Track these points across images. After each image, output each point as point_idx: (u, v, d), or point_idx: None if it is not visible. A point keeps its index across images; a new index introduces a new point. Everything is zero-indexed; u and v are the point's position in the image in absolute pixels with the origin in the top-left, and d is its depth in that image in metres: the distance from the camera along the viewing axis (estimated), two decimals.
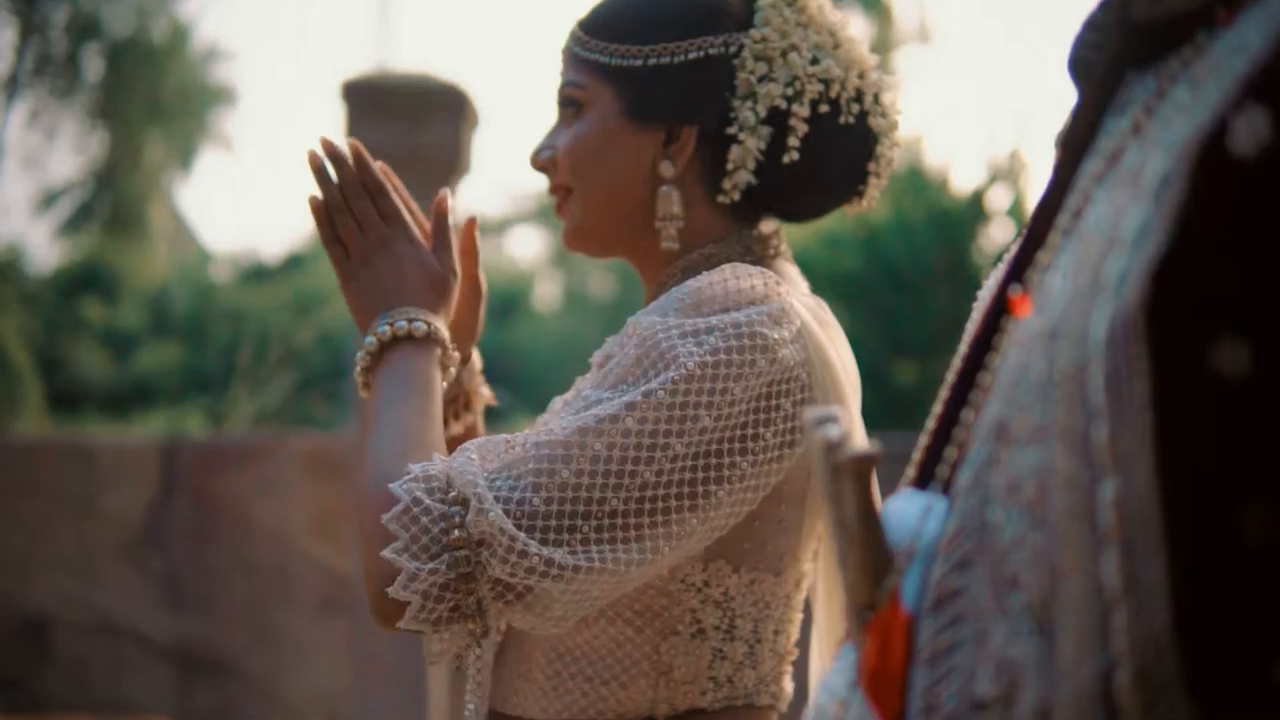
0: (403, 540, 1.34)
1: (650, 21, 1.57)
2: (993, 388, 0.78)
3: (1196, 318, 0.64)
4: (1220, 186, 0.66)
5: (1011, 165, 11.55)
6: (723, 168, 1.56)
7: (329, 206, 1.58)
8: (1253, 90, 0.66)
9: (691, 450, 1.37)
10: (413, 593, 1.32)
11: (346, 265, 1.57)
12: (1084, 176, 0.80)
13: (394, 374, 1.49)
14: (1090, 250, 0.72)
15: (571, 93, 1.60)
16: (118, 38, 20.62)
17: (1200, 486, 0.64)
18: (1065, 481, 0.69)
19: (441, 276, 1.58)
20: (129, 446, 6.74)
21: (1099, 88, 0.84)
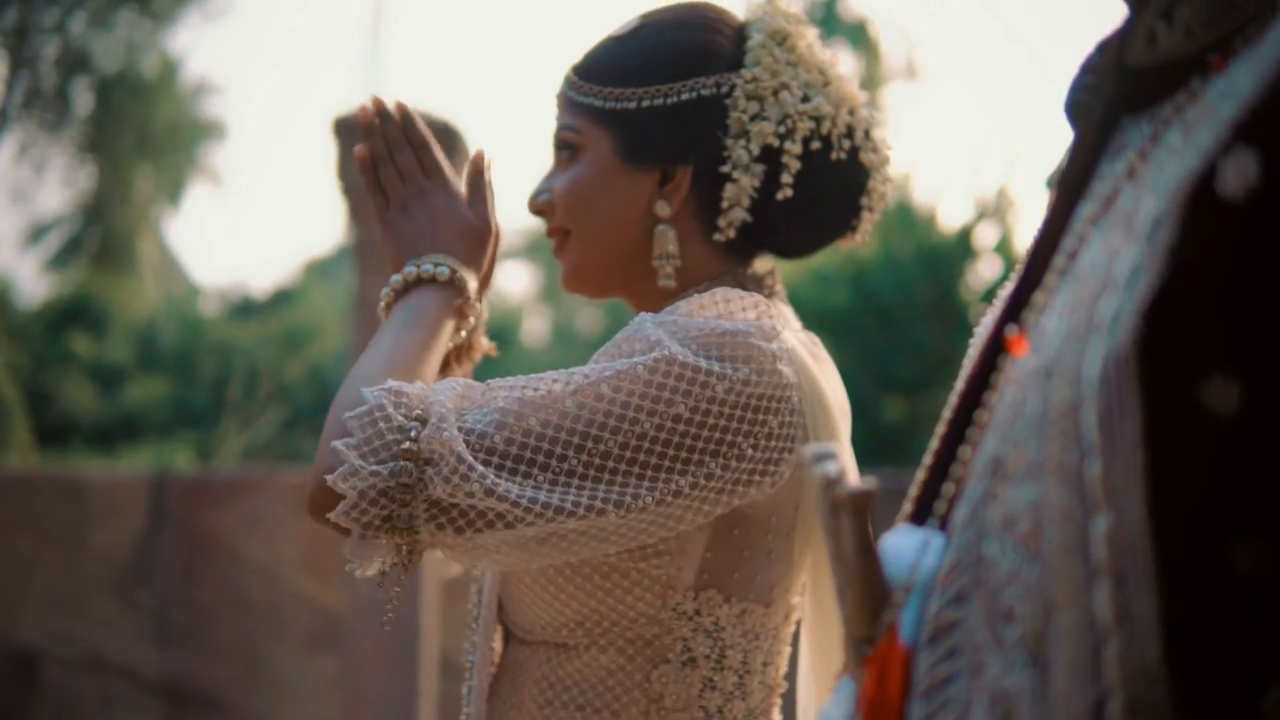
0: (357, 438, 1.36)
1: (642, 65, 1.59)
2: (989, 425, 0.80)
3: (1187, 356, 0.66)
4: (1210, 228, 0.67)
5: (999, 202, 11.59)
6: (718, 206, 1.58)
7: (374, 158, 1.65)
8: (1241, 133, 0.68)
9: (662, 435, 1.38)
10: (350, 488, 1.34)
11: (386, 213, 1.64)
12: (1079, 219, 0.82)
13: (406, 307, 1.55)
14: (1085, 291, 0.74)
15: (567, 136, 1.63)
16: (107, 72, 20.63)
17: (1191, 521, 0.65)
18: (1059, 516, 0.70)
19: (475, 229, 1.63)
20: (119, 480, 6.73)
21: (1095, 132, 0.86)
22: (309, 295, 23.33)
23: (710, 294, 1.48)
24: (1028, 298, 0.86)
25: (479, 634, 1.61)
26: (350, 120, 6.13)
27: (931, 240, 11.59)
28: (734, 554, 1.50)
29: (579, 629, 1.52)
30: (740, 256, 1.63)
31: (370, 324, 6.09)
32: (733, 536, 1.50)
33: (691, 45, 1.60)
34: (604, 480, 1.37)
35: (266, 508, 6.34)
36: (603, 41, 1.66)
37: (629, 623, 1.50)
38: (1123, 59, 0.84)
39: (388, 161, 1.64)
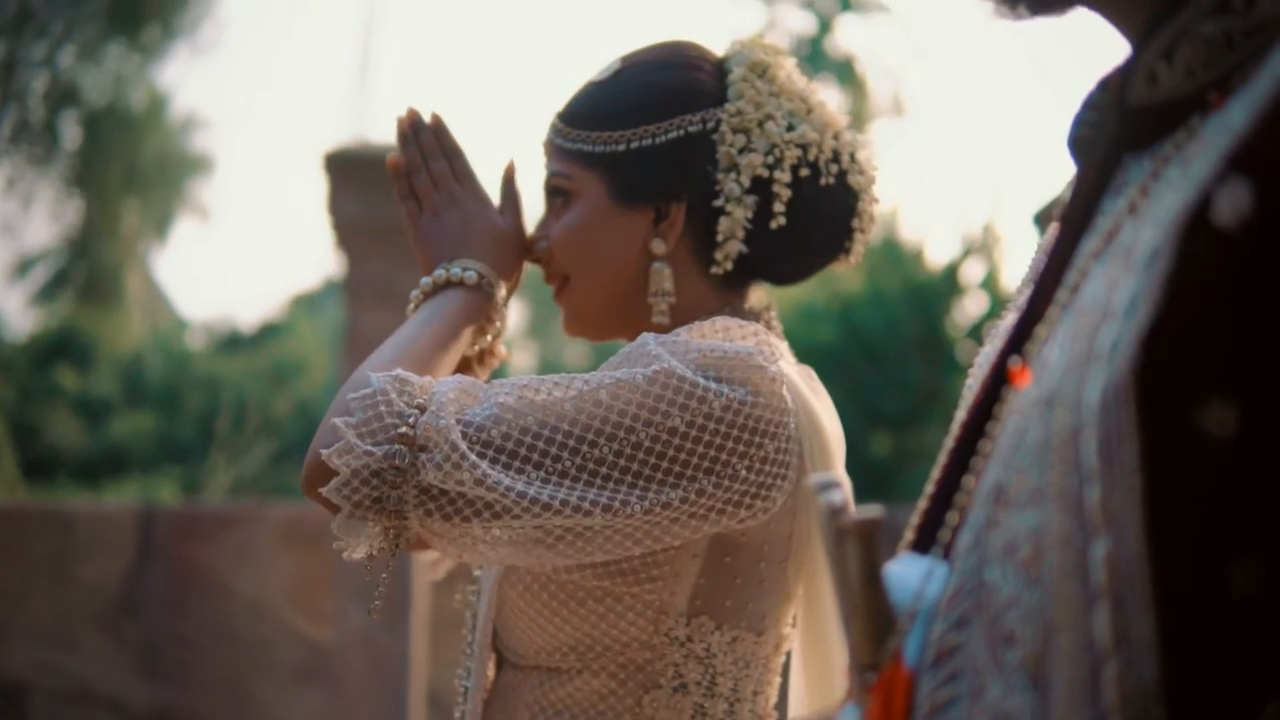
0: (356, 418, 1.39)
1: (628, 107, 1.62)
2: (992, 454, 0.81)
3: (1184, 382, 0.67)
4: (1205, 257, 0.68)
5: (985, 239, 11.63)
6: (713, 239, 1.60)
7: (409, 165, 1.70)
8: (1235, 164, 0.69)
9: (656, 447, 1.39)
10: (344, 465, 1.37)
11: (418, 219, 1.69)
12: (1082, 254, 0.83)
13: (430, 307, 1.59)
14: (1085, 322, 0.75)
15: (558, 183, 1.65)
16: (95, 106, 20.61)
17: (1189, 544, 0.66)
18: (1059, 541, 0.72)
19: (507, 235, 1.68)
20: (107, 514, 6.72)
21: (1098, 169, 0.87)
22: (296, 330, 23.30)
23: (710, 322, 1.51)
24: (1030, 330, 0.88)
25: (474, 659, 1.62)
26: (341, 155, 6.15)
27: (918, 276, 11.63)
28: (727, 581, 1.51)
29: (571, 653, 1.53)
30: (736, 288, 1.65)
31: (361, 357, 6.08)
32: (725, 564, 1.51)
33: (675, 84, 1.62)
34: (595, 484, 1.39)
35: (255, 541, 6.33)
36: (585, 87, 1.67)
37: (621, 647, 1.51)
38: (1124, 97, 0.86)
39: (421, 169, 1.69)
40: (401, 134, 1.71)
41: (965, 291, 11.63)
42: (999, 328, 1.02)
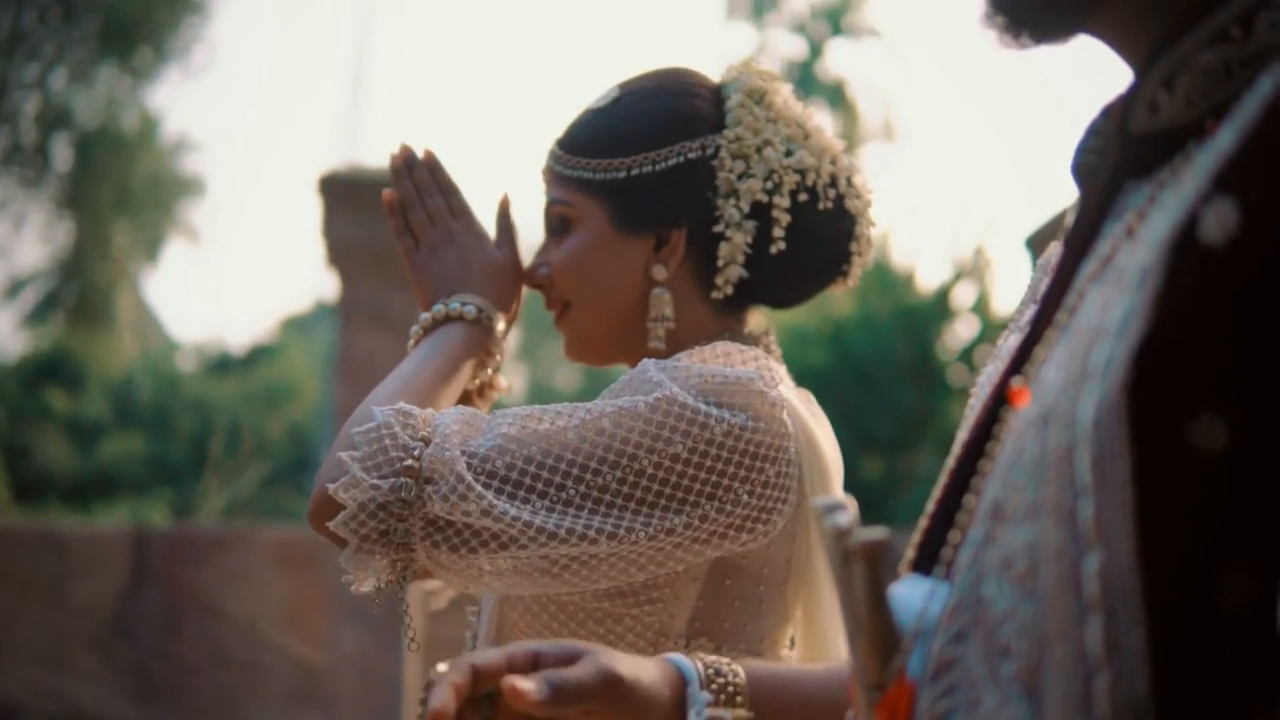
0: (362, 451, 1.41)
1: (628, 134, 1.63)
2: (991, 473, 0.83)
3: (1175, 397, 0.69)
4: (1193, 274, 0.70)
5: (976, 263, 11.68)
6: (713, 264, 1.62)
7: (403, 201, 1.71)
8: (1221, 183, 0.71)
9: (659, 474, 1.41)
10: (350, 498, 1.39)
11: (415, 255, 1.70)
12: (1081, 277, 0.85)
13: (431, 341, 1.60)
14: (1080, 342, 0.77)
15: (559, 210, 1.66)
16: (87, 128, 20.61)
17: (1179, 557, 0.68)
18: (1054, 554, 0.73)
19: (504, 269, 1.69)
20: (100, 535, 6.72)
21: (1100, 194, 0.89)
22: (286, 352, 23.27)
23: (711, 347, 1.52)
24: (1030, 352, 0.90)
25: None
26: (335, 179, 6.17)
27: (909, 300, 11.67)
28: (726, 604, 1.52)
29: None
30: (735, 312, 1.66)
31: (353, 380, 6.12)
32: (725, 586, 1.53)
33: (673, 111, 1.64)
34: (599, 511, 1.40)
35: (248, 564, 6.34)
36: (584, 115, 1.69)
37: None
38: (1126, 125, 0.88)
39: (417, 205, 1.70)
40: (395, 170, 1.72)
41: (956, 315, 11.67)
42: (1000, 348, 1.04)
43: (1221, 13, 0.81)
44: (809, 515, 1.52)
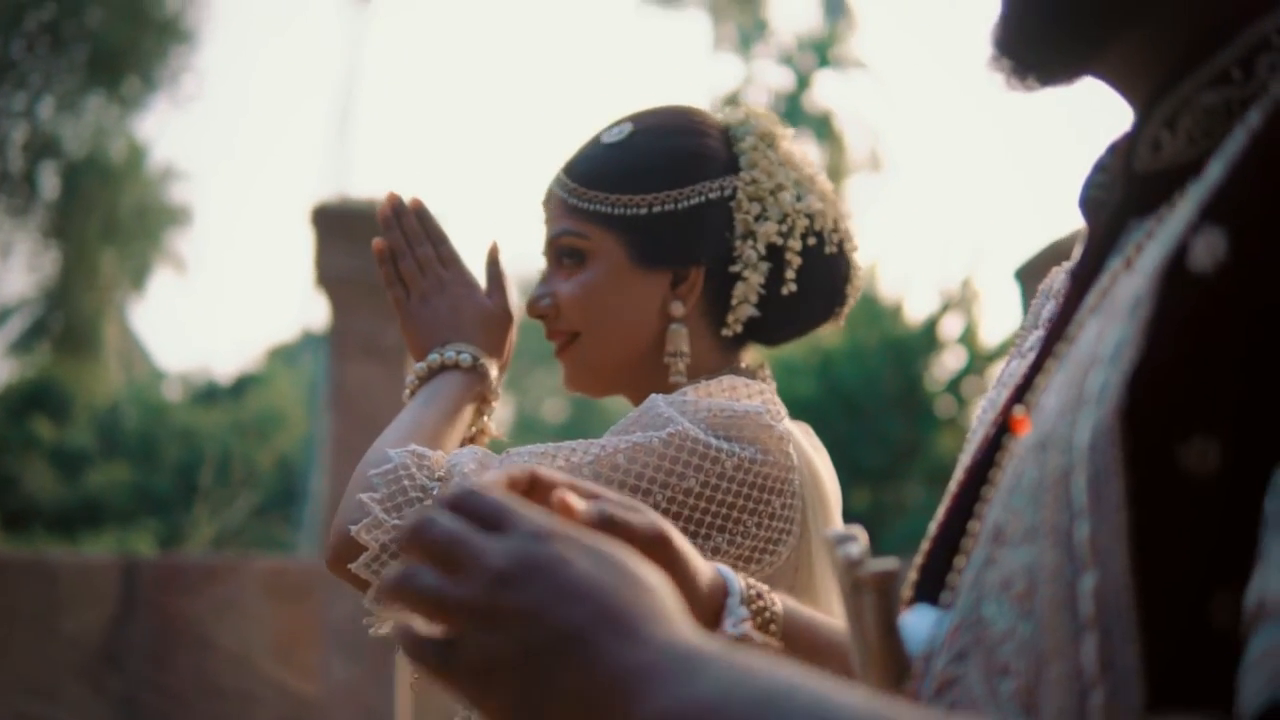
0: (381, 492, 1.44)
1: (648, 171, 1.65)
2: (993, 498, 0.86)
3: (1167, 421, 0.71)
4: (1184, 302, 0.73)
5: (963, 294, 11.72)
6: (726, 303, 1.65)
7: (393, 250, 1.72)
8: (1209, 213, 0.74)
9: (673, 508, 1.44)
10: (373, 539, 1.42)
11: (406, 304, 1.71)
12: (1083, 309, 0.88)
13: (429, 389, 1.62)
14: (1077, 370, 0.80)
15: (573, 242, 1.66)
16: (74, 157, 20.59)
17: (1172, 577, 0.70)
18: (1050, 575, 0.76)
19: (495, 317, 1.71)
20: (90, 565, 6.71)
21: (1105, 231, 0.92)
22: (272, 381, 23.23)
23: (717, 381, 1.55)
24: (1032, 381, 0.93)
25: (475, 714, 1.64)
26: (328, 210, 6.20)
27: (897, 331, 11.70)
28: None
29: None
30: (735, 348, 1.70)
31: (345, 410, 6.14)
32: None
33: (691, 150, 1.67)
34: None
35: (238, 594, 6.33)
36: (595, 147, 1.70)
37: None
38: (1130, 163, 0.90)
39: (407, 254, 1.71)
40: (384, 219, 1.73)
41: (944, 347, 11.70)
42: (1003, 374, 1.06)
43: (1222, 55, 0.84)
44: (811, 546, 1.55)
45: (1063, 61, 0.92)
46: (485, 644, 0.74)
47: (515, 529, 0.77)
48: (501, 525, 0.77)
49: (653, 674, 0.70)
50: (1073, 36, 0.90)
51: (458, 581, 0.75)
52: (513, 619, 0.73)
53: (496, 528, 0.77)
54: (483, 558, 0.75)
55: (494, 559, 0.75)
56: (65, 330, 21.34)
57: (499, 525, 0.77)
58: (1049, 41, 0.91)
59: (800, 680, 0.68)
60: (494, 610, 0.73)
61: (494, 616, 0.73)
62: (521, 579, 0.74)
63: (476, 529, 0.77)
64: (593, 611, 0.72)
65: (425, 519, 0.78)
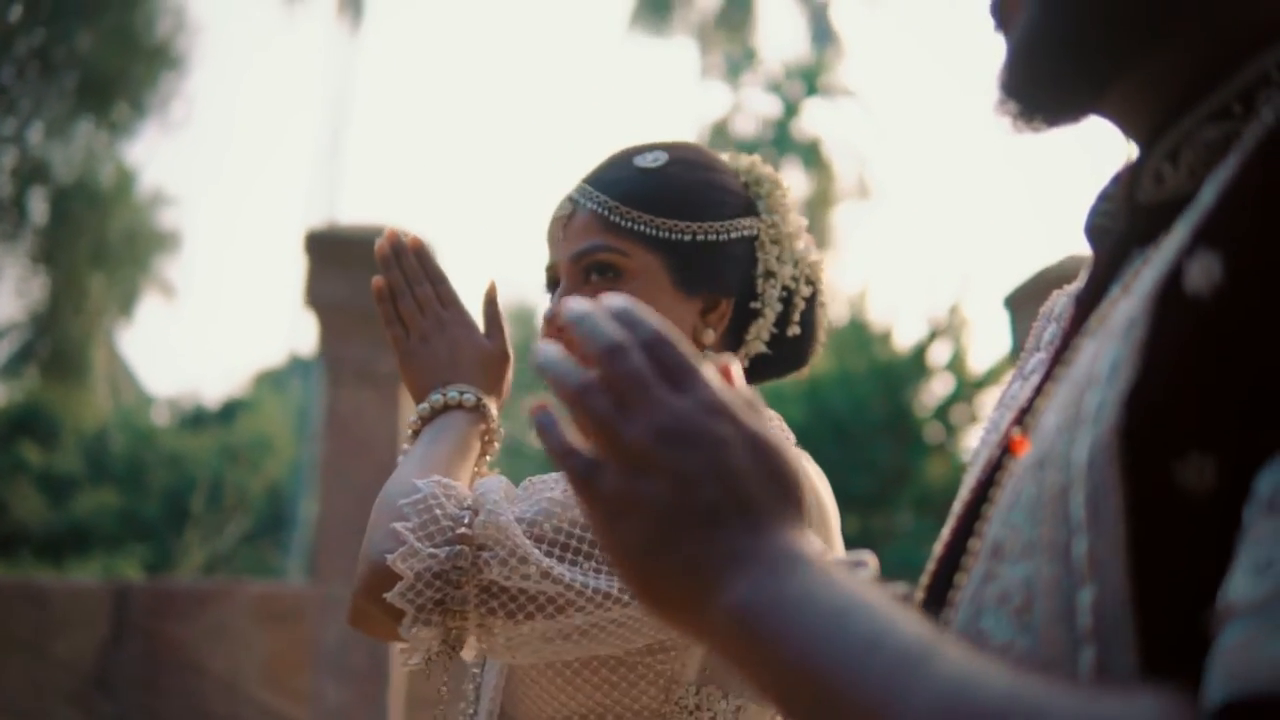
0: (414, 521, 1.43)
1: (690, 200, 1.68)
2: (992, 516, 0.88)
3: (1164, 439, 0.73)
4: (1180, 323, 0.74)
5: (952, 321, 11.76)
6: (740, 338, 1.70)
7: (392, 290, 1.72)
8: (1204, 237, 0.76)
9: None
10: (409, 568, 1.41)
11: (405, 344, 1.72)
12: (1083, 334, 0.90)
13: (435, 428, 1.62)
14: (1074, 390, 0.82)
15: (611, 258, 1.67)
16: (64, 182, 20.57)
17: (1169, 590, 0.72)
18: (1048, 589, 0.78)
19: (494, 357, 1.72)
20: (81, 589, 6.72)
21: (1108, 259, 0.95)
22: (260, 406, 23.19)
23: None
24: (1032, 403, 0.95)
25: None
26: (321, 236, 6.22)
27: (885, 358, 11.73)
28: None
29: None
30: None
31: (339, 436, 6.15)
32: None
33: (726, 187, 1.71)
34: None
35: (229, 619, 6.34)
36: (628, 169, 1.71)
37: (633, 715, 1.56)
38: (1133, 195, 0.93)
39: (406, 293, 1.72)
40: (383, 258, 1.73)
41: (932, 373, 11.73)
42: (1005, 396, 1.09)
43: (1224, 90, 0.86)
44: None
45: (1069, 102, 0.94)
46: (628, 484, 0.80)
47: (693, 393, 0.82)
48: (682, 383, 0.82)
49: (750, 564, 0.77)
50: (1079, 77, 0.92)
51: (627, 417, 0.81)
52: (662, 475, 0.79)
53: (677, 383, 0.82)
54: (656, 409, 0.80)
55: (665, 415, 0.80)
56: (53, 355, 21.29)
57: (680, 382, 0.82)
58: (1056, 83, 0.93)
59: (874, 599, 0.74)
60: (648, 460, 0.79)
61: (646, 465, 0.79)
62: (683, 443, 0.79)
63: (660, 377, 0.82)
64: (732, 498, 0.79)
65: (621, 347, 0.82)
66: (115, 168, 21.70)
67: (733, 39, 26.71)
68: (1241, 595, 0.66)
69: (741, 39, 26.78)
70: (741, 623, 0.76)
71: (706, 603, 0.77)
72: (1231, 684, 0.64)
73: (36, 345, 21.85)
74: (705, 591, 0.78)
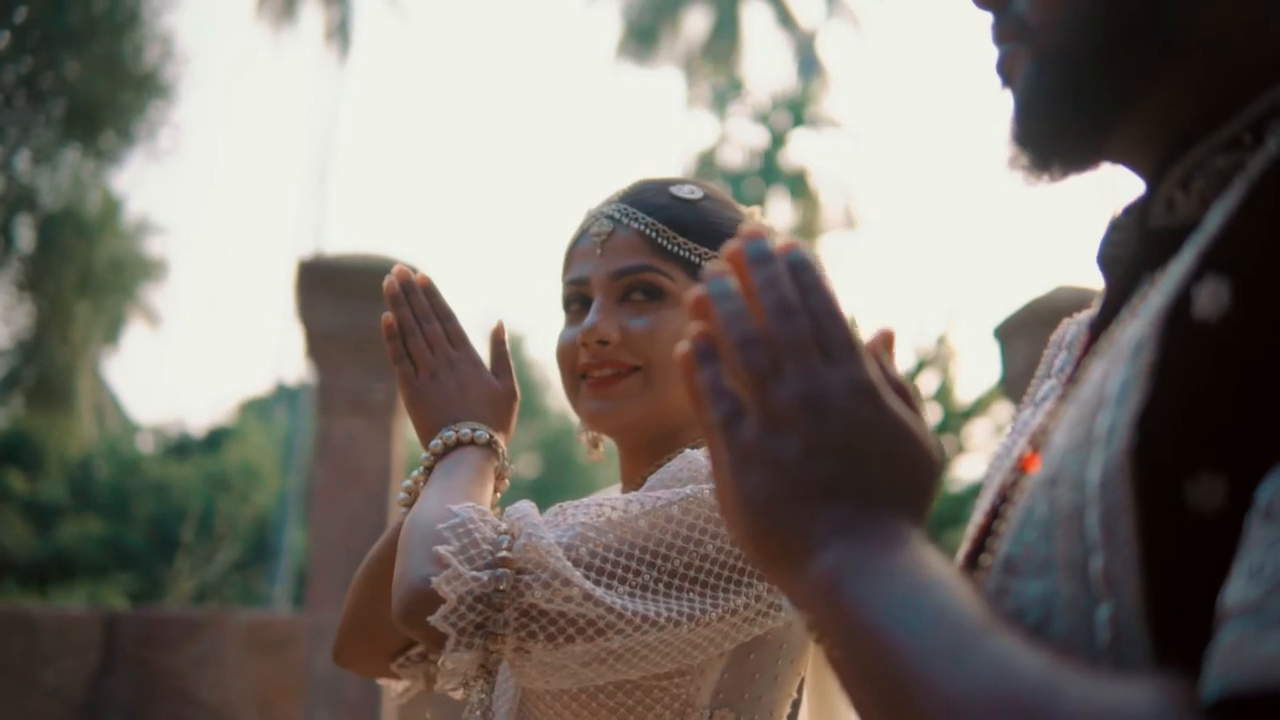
0: (455, 545, 1.44)
1: (730, 234, 1.69)
2: (1004, 532, 0.91)
3: (1174, 460, 0.75)
4: (1189, 347, 0.77)
5: (939, 352, 11.79)
6: None
7: (401, 327, 1.74)
8: (1211, 263, 0.78)
9: (720, 557, 1.48)
10: (452, 591, 1.41)
11: (414, 381, 1.73)
12: (1094, 355, 0.93)
13: (450, 463, 1.63)
14: (1084, 410, 0.84)
15: (657, 280, 1.69)
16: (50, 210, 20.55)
17: (1182, 604, 0.74)
18: (1066, 605, 0.80)
19: (502, 396, 1.74)
20: (71, 618, 6.70)
21: (1120, 284, 0.97)
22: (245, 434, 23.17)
23: None
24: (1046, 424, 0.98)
25: None
26: (314, 265, 6.23)
27: None
28: (747, 676, 1.60)
29: None
30: None
31: (331, 464, 6.15)
32: (749, 660, 1.60)
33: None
34: (672, 595, 1.46)
35: (219, 647, 6.33)
36: (666, 196, 1.74)
37: None
38: (1145, 221, 0.95)
39: (416, 331, 1.74)
40: (392, 295, 1.75)
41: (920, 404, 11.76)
42: (1017, 422, 1.10)
43: (1234, 121, 0.88)
44: None
45: (1079, 149, 0.97)
46: (762, 440, 0.84)
47: (847, 370, 0.85)
48: (838, 358, 0.85)
49: (850, 537, 0.80)
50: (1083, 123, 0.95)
51: (778, 377, 0.84)
52: (795, 440, 0.83)
53: (833, 357, 0.85)
54: (807, 378, 0.84)
55: (813, 385, 0.83)
56: (39, 383, 21.22)
57: (836, 356, 0.85)
58: (1062, 132, 0.96)
59: (951, 579, 0.78)
60: (787, 423, 0.83)
61: (783, 427, 0.83)
62: (823, 415, 0.83)
63: (819, 347, 0.85)
64: (852, 476, 0.83)
65: (792, 310, 0.85)
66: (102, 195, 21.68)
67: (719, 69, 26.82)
68: (1236, 598, 0.69)
69: (728, 69, 26.89)
70: (830, 586, 0.79)
71: (804, 564, 0.81)
72: (1224, 680, 0.68)
73: (22, 373, 21.79)
74: (805, 553, 0.81)
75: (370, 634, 1.78)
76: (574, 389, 1.74)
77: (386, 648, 1.79)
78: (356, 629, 1.79)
